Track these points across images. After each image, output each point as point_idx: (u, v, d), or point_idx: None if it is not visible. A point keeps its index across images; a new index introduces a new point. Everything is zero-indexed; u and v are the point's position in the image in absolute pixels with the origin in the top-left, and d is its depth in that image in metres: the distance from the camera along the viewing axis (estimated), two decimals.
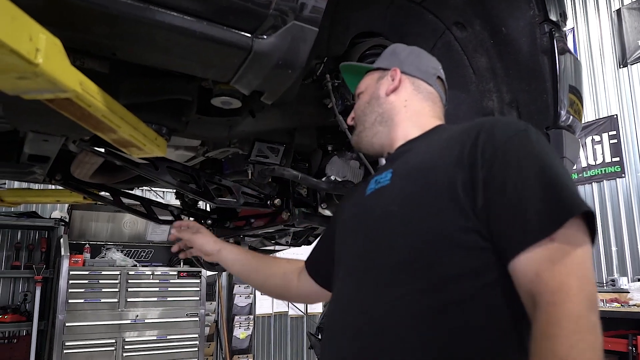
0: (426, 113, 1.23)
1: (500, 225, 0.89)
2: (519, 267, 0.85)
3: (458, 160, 0.96)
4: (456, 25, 1.75)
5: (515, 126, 0.97)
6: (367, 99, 1.28)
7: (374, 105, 1.26)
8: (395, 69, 1.25)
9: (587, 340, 0.76)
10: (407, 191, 1.03)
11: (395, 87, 1.24)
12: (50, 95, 0.90)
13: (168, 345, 5.04)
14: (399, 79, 1.24)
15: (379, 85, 1.27)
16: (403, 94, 1.24)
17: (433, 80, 1.27)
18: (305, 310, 7.25)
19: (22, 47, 0.74)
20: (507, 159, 0.91)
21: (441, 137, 1.10)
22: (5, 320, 4.80)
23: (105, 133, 1.13)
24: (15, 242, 5.28)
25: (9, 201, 2.25)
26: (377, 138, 1.24)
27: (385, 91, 1.24)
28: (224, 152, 1.82)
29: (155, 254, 5.62)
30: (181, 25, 0.99)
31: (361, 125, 1.28)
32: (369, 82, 1.30)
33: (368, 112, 1.26)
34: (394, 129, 1.22)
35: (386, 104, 1.24)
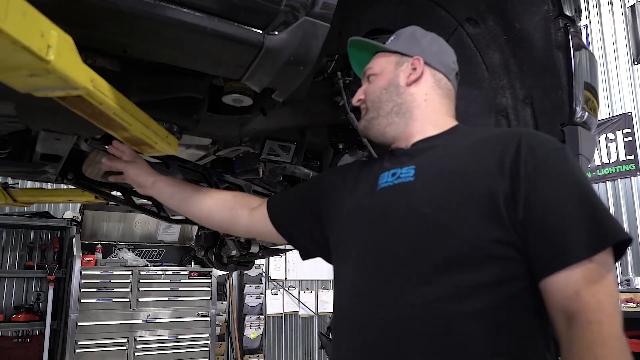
0: (444, 111, 1.19)
1: (538, 241, 0.89)
2: (556, 284, 0.87)
3: (498, 170, 0.95)
4: (468, 21, 1.73)
5: (553, 143, 0.97)
6: (384, 84, 1.20)
7: (392, 93, 1.18)
8: (418, 58, 1.19)
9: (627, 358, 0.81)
10: (440, 194, 1.00)
11: (417, 78, 1.18)
12: (62, 92, 0.90)
13: (179, 345, 5.05)
14: (421, 71, 1.18)
15: (399, 72, 1.19)
16: (424, 87, 1.18)
17: (453, 77, 1.23)
18: (317, 310, 7.24)
19: (34, 44, 0.74)
20: (549, 175, 0.92)
21: (468, 140, 1.08)
22: (19, 320, 4.85)
23: (116, 131, 1.13)
24: (28, 242, 5.32)
25: (21, 201, 2.26)
26: (391, 128, 1.18)
27: (406, 81, 1.18)
28: (234, 150, 1.82)
29: (167, 254, 5.64)
30: (192, 22, 0.98)
31: (374, 112, 1.20)
32: (386, 65, 1.22)
33: (385, 99, 1.19)
34: (411, 123, 1.17)
35: (406, 95, 1.18)
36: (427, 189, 1.02)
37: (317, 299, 7.30)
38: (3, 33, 0.68)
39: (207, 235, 2.50)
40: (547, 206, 0.89)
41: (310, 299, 7.23)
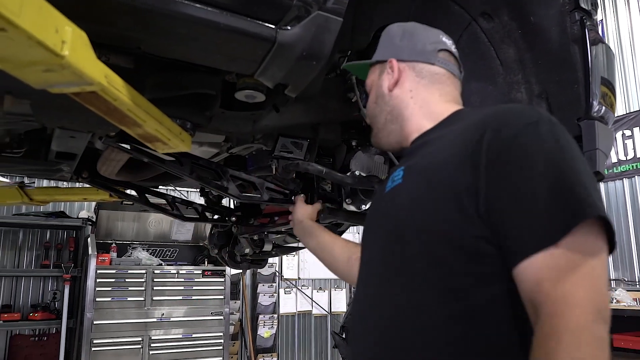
0: (436, 99, 1.14)
1: (503, 231, 0.83)
2: (521, 275, 0.80)
3: (461, 161, 0.90)
4: (483, 16, 1.71)
5: (524, 119, 0.87)
6: (373, 97, 1.21)
7: (381, 104, 1.18)
8: (390, 60, 1.17)
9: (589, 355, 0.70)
10: (414, 193, 0.98)
11: (397, 80, 1.15)
12: (76, 88, 0.90)
13: (193, 344, 5.08)
14: (397, 70, 1.15)
15: (381, 81, 1.18)
16: (406, 85, 1.15)
17: (435, 58, 1.16)
18: (329, 310, 7.24)
19: (49, 39, 0.75)
20: (511, 158, 0.84)
21: (455, 129, 1.01)
22: (36, 318, 4.91)
23: (130, 127, 1.13)
24: (44, 241, 5.39)
25: (37, 200, 2.28)
26: (392, 137, 1.18)
27: (388, 86, 1.16)
28: (247, 148, 1.82)
29: (180, 253, 5.67)
30: (205, 17, 0.99)
31: (375, 127, 1.22)
32: (373, 78, 1.23)
33: (377, 112, 1.19)
34: (406, 124, 1.14)
35: (392, 100, 1.16)
36: (408, 191, 1.00)
37: (330, 298, 7.29)
38: (18, 28, 0.68)
39: (221, 234, 2.51)
40: (507, 191, 0.82)
41: (323, 298, 7.23)
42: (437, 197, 0.92)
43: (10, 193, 2.31)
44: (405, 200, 0.99)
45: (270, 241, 2.40)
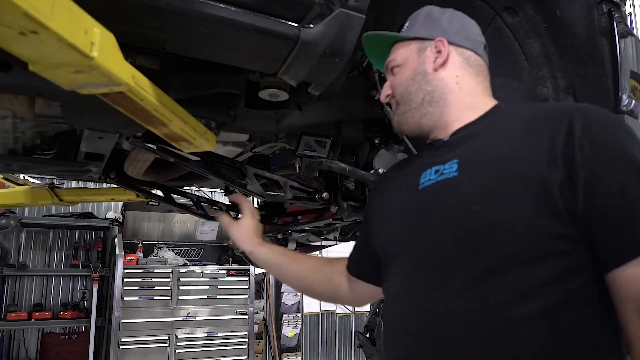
0: (480, 91, 1.10)
1: (604, 231, 0.83)
2: (628, 276, 0.80)
3: (550, 157, 0.86)
4: (507, 11, 1.69)
5: (610, 119, 0.89)
6: (409, 74, 1.12)
7: (420, 82, 1.10)
8: (441, 39, 1.10)
9: None
10: (488, 188, 0.92)
11: (444, 61, 1.09)
12: (105, 89, 0.92)
13: (219, 342, 5.13)
14: (447, 52, 1.09)
15: (423, 58, 1.11)
16: (453, 69, 1.09)
17: (482, 50, 1.13)
18: (354, 309, 7.22)
19: (78, 41, 0.76)
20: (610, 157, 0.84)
21: (513, 122, 0.99)
22: (66, 317, 5.02)
23: (156, 127, 1.15)
24: (73, 241, 5.51)
25: (67, 200, 2.34)
26: (426, 119, 1.10)
27: (433, 66, 1.09)
28: (271, 147, 1.83)
29: (205, 253, 5.73)
30: (228, 17, 1.00)
31: (406, 105, 1.13)
32: (408, 54, 1.14)
33: (413, 90, 1.11)
34: (447, 110, 1.08)
35: (435, 81, 1.09)
36: (473, 184, 0.94)
37: None
38: (49, 30, 0.70)
39: None
40: (611, 192, 0.81)
41: None
42: (513, 191, 0.88)
43: (41, 194, 2.38)
44: (472, 195, 0.93)
45: (294, 240, 2.42)
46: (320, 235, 2.35)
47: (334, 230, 2.30)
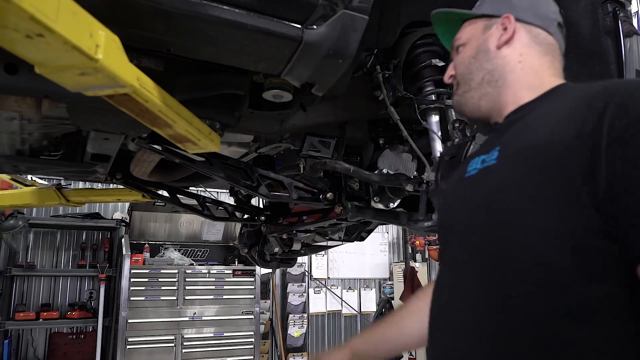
0: (545, 71, 1.02)
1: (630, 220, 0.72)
2: None
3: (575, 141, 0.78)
4: None
5: None
6: (472, 52, 1.08)
7: (481, 61, 1.06)
8: (507, 15, 1.04)
9: None
10: (510, 177, 0.86)
11: (509, 38, 1.03)
12: (110, 91, 0.93)
13: (225, 342, 5.14)
14: (513, 28, 1.03)
15: (487, 36, 1.06)
16: (518, 47, 1.03)
17: (554, 28, 1.05)
18: (359, 309, 7.23)
19: (83, 44, 0.78)
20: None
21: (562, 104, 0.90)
22: (74, 317, 5.05)
23: (161, 128, 1.16)
24: (80, 242, 5.54)
25: (74, 201, 2.36)
26: (485, 100, 1.05)
27: (497, 43, 1.04)
28: (276, 147, 1.84)
29: (211, 253, 5.75)
30: (232, 19, 1.00)
31: (466, 85, 1.08)
32: (473, 32, 1.10)
33: (474, 68, 1.07)
34: (504, 91, 1.02)
35: (497, 59, 1.04)
36: (505, 172, 0.89)
37: (359, 297, 7.28)
38: (55, 33, 0.71)
39: (250, 233, 2.55)
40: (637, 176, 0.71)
41: (353, 298, 7.22)
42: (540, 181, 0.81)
43: (49, 195, 2.40)
44: (499, 185, 0.88)
45: (299, 240, 2.42)
46: (325, 236, 2.36)
47: (338, 231, 2.31)
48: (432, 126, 1.54)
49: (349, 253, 7.11)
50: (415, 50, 1.64)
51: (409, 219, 1.52)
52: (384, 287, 7.50)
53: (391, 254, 7.71)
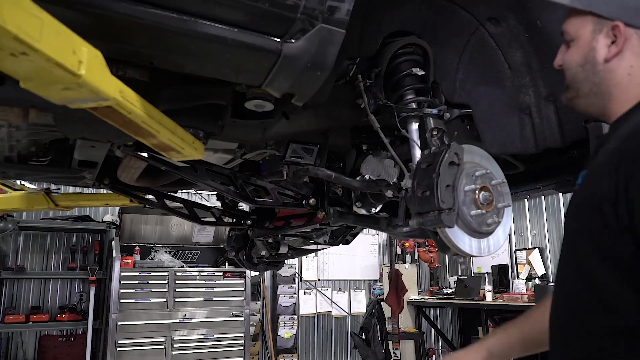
0: None
1: None
2: None
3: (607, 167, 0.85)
4: (490, 21, 1.73)
5: None
6: (580, 59, 1.04)
7: (588, 72, 1.02)
8: (616, 24, 0.98)
9: None
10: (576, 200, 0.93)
11: (619, 51, 0.98)
12: (93, 103, 0.97)
13: (215, 344, 5.17)
14: (623, 40, 0.97)
15: (595, 43, 1.01)
16: (628, 59, 0.97)
17: None
18: (349, 311, 7.26)
19: (67, 61, 0.81)
20: None
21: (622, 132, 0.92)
22: (64, 319, 5.06)
23: (145, 138, 1.19)
24: (70, 244, 5.55)
25: (62, 205, 2.38)
26: (593, 109, 1.05)
27: (605, 56, 1.00)
28: (260, 154, 1.87)
29: (202, 255, 5.78)
30: (213, 34, 1.04)
31: (574, 92, 1.08)
32: (581, 32, 1.04)
33: (581, 78, 1.04)
34: (609, 105, 1.00)
35: (604, 73, 1.00)
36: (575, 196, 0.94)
37: (349, 299, 7.32)
38: (38, 52, 0.75)
39: (238, 237, 2.58)
40: None
41: (343, 299, 7.26)
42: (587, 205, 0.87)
43: (37, 199, 2.42)
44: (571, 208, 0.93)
45: (286, 243, 2.46)
46: (310, 239, 2.39)
47: (323, 234, 2.35)
48: (412, 134, 1.58)
49: (340, 255, 7.15)
50: (396, 59, 1.68)
51: (388, 224, 1.56)
52: (374, 288, 7.54)
53: (381, 256, 7.75)
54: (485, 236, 1.37)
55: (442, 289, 7.53)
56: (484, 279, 6.76)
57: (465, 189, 1.31)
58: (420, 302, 7.35)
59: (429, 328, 7.59)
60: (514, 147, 1.73)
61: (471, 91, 1.81)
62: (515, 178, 2.00)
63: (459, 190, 1.30)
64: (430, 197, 1.25)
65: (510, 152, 1.76)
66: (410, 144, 1.58)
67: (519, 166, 1.94)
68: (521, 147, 1.71)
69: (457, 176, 1.31)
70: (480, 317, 6.01)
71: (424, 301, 7.36)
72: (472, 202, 1.32)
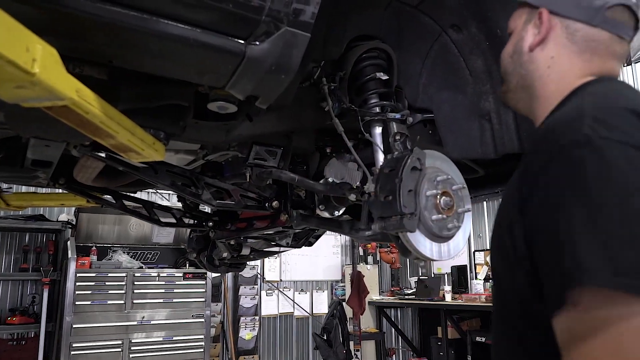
0: (574, 73, 0.90)
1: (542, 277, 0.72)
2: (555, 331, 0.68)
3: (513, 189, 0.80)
4: (452, 28, 1.76)
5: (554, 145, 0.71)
6: (510, 49, 1.00)
7: (516, 63, 0.98)
8: (541, 10, 0.93)
9: None
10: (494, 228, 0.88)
11: (542, 39, 0.93)
12: (48, 103, 0.93)
13: (175, 347, 5.08)
14: (547, 26, 0.92)
15: (525, 32, 0.96)
16: (551, 49, 0.92)
17: (599, 18, 0.89)
18: (311, 311, 7.27)
19: (19, 58, 0.77)
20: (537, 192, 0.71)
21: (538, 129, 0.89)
22: (14, 322, 4.87)
23: (103, 139, 1.15)
24: (23, 244, 5.34)
25: (14, 205, 2.28)
26: (521, 105, 1.00)
27: (530, 44, 0.95)
28: (223, 155, 1.85)
29: (162, 256, 5.67)
30: (175, 33, 1.02)
31: (505, 85, 1.04)
32: (516, 24, 1.00)
33: (510, 69, 1.00)
34: (535, 103, 0.94)
35: (528, 63, 0.95)
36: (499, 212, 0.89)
37: (311, 299, 7.33)
38: None
39: (199, 238, 2.54)
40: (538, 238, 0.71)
41: (305, 300, 7.27)
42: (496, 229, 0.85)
43: None
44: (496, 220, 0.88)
45: (248, 245, 2.43)
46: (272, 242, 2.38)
47: (286, 237, 2.34)
48: (375, 138, 1.59)
49: (302, 255, 7.15)
50: (360, 63, 1.69)
51: (351, 228, 1.56)
52: (336, 289, 7.58)
53: (343, 256, 7.80)
54: (446, 240, 1.39)
55: (403, 290, 7.63)
56: (444, 280, 6.89)
57: (427, 194, 1.33)
58: (382, 303, 7.42)
59: (390, 328, 7.68)
60: (474, 152, 1.76)
61: (434, 96, 1.83)
62: (476, 182, 2.04)
63: (421, 195, 1.31)
64: (393, 202, 1.26)
65: (471, 157, 1.79)
66: (374, 148, 1.59)
67: (479, 171, 1.99)
68: (481, 152, 1.75)
69: (419, 181, 1.32)
70: (440, 317, 6.12)
71: (385, 301, 7.44)
72: (433, 207, 1.34)
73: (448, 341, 6.02)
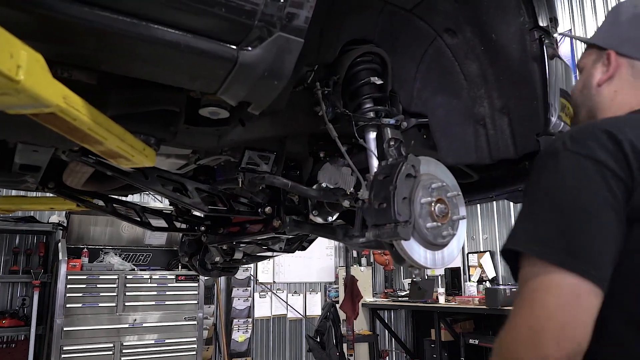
0: (631, 103, 1.01)
1: None
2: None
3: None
4: (447, 32, 1.75)
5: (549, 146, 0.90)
6: (580, 85, 1.12)
7: (585, 97, 1.10)
8: (609, 52, 1.05)
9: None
10: None
11: (609, 76, 1.05)
12: (34, 110, 0.90)
13: (166, 349, 5.05)
14: (614, 66, 1.04)
15: (594, 70, 1.09)
16: (614, 84, 1.04)
17: None
18: (304, 313, 7.25)
19: (3, 65, 0.75)
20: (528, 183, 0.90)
21: None
22: (4, 325, 4.82)
23: (92, 145, 1.13)
24: (13, 246, 5.29)
25: (2, 208, 2.25)
26: None
27: (598, 80, 1.07)
28: (215, 159, 1.82)
29: (154, 258, 5.63)
30: (166, 38, 0.99)
31: (576, 117, 1.15)
32: (586, 62, 1.12)
33: (579, 103, 1.12)
34: None
35: (596, 97, 1.07)
36: None
37: (305, 302, 7.31)
38: None
39: (191, 242, 2.51)
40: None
41: (298, 302, 7.24)
42: None
43: None
44: None
45: (241, 250, 2.41)
46: (264, 246, 2.36)
47: (279, 242, 2.31)
48: (369, 143, 1.57)
49: (295, 257, 7.13)
50: (354, 67, 1.67)
51: (344, 235, 1.55)
52: (330, 290, 7.56)
53: (337, 258, 7.78)
54: (440, 248, 1.38)
55: (396, 292, 7.62)
56: (437, 282, 6.89)
57: (421, 201, 1.32)
58: (375, 305, 7.41)
59: (383, 330, 7.67)
60: (469, 157, 1.75)
61: (428, 100, 1.82)
62: (470, 187, 2.03)
63: (415, 203, 1.30)
64: (387, 209, 1.25)
65: (465, 162, 1.78)
66: (368, 154, 1.57)
67: (474, 175, 1.97)
68: (476, 158, 1.74)
69: (413, 189, 1.31)
70: (433, 319, 6.12)
71: (378, 303, 7.43)
72: (428, 215, 1.33)
73: (441, 343, 6.01)
